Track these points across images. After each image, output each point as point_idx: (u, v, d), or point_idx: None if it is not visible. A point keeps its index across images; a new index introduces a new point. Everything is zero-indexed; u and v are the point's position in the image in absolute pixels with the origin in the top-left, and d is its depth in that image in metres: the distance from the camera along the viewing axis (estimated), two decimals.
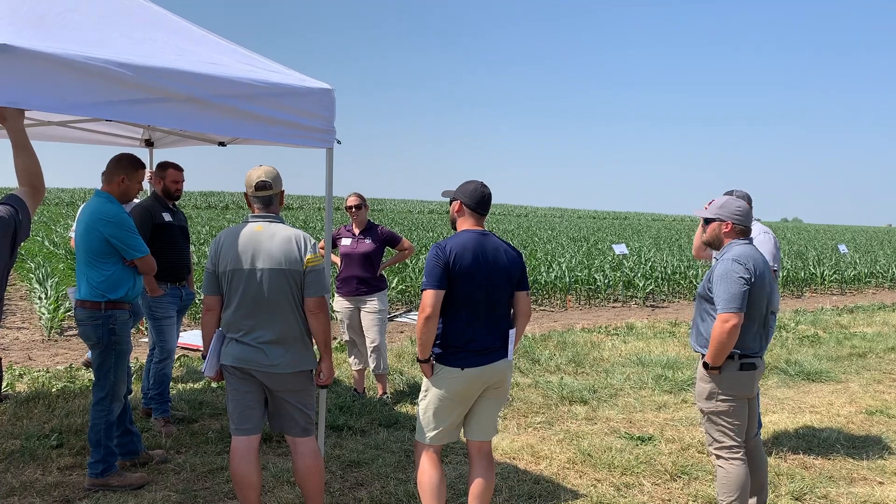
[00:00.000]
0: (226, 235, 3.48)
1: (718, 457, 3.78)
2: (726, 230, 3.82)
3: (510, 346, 3.57)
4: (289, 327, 3.45)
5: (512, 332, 3.60)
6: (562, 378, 7.14)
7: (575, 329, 10.18)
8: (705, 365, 3.71)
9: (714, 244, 3.89)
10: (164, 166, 5.24)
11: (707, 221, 3.92)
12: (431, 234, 29.31)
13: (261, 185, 3.52)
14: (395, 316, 10.82)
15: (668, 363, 7.87)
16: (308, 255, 3.45)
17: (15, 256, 3.01)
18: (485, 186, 3.63)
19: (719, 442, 3.77)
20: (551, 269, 14.95)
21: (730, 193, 5.08)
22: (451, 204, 3.68)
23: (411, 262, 14.20)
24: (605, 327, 10.39)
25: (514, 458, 4.92)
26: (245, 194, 3.60)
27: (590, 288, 13.89)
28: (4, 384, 6.05)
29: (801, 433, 5.67)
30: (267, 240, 3.44)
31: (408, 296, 12.50)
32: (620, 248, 16.16)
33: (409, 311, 11.46)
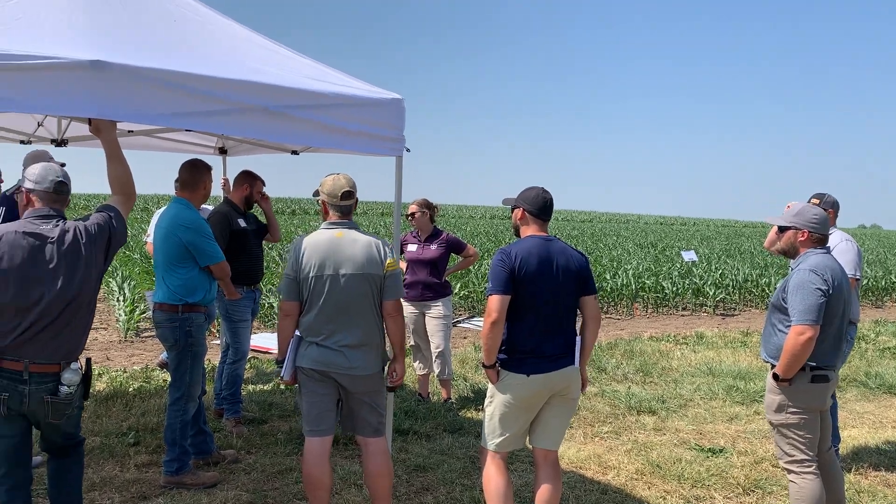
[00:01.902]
0: (307, 242, 3.55)
1: (790, 471, 3.67)
2: (802, 239, 3.69)
3: (576, 353, 3.54)
4: (368, 330, 3.53)
5: (578, 339, 3.57)
6: (629, 387, 7.03)
7: (642, 337, 10.00)
8: (775, 376, 3.61)
9: (789, 253, 3.77)
10: (253, 176, 5.39)
11: (782, 229, 3.79)
12: (494, 240, 29.27)
13: (346, 195, 3.60)
14: (459, 321, 10.84)
15: (740, 374, 7.66)
16: (388, 260, 3.54)
17: (109, 262, 3.17)
18: (546, 192, 3.61)
19: (790, 455, 3.66)
20: (617, 276, 14.73)
21: (819, 197, 4.90)
22: (512, 212, 3.67)
23: (474, 267, 14.20)
24: (674, 336, 10.18)
25: (580, 468, 4.86)
26: (322, 201, 3.66)
27: (657, 296, 13.63)
28: None
29: (882, 449, 5.43)
30: (348, 245, 3.51)
31: (470, 301, 12.51)
32: (689, 255, 15.82)
33: (472, 316, 11.46)
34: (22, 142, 6.03)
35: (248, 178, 5.37)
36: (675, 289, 13.83)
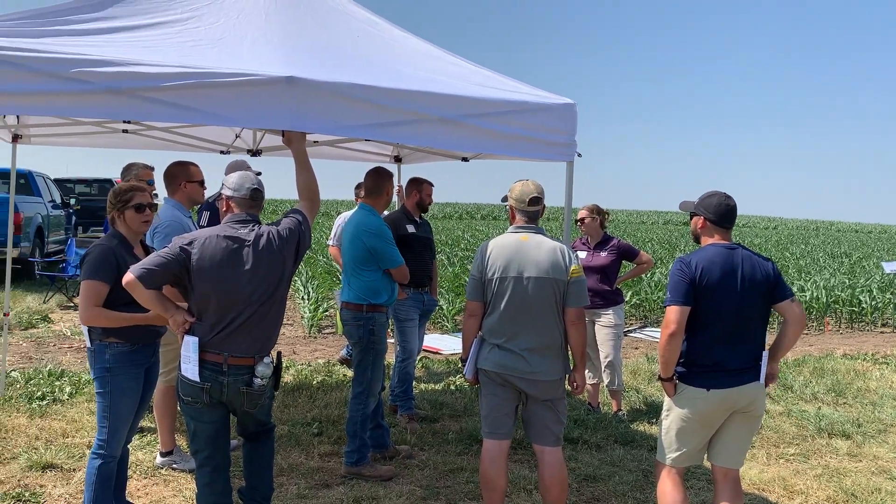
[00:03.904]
0: (493, 245, 3.62)
1: None
2: None
3: (762, 369, 3.34)
4: (550, 335, 3.53)
5: (765, 353, 3.36)
6: (819, 408, 6.49)
7: (834, 355, 9.20)
8: None
9: None
10: (421, 181, 5.61)
11: None
12: (668, 246, 28.17)
13: (535, 201, 3.64)
14: (630, 331, 10.54)
15: None
16: (573, 266, 3.53)
17: (298, 263, 3.40)
18: (728, 198, 3.43)
19: None
20: (806, 288, 13.66)
21: None
22: (691, 219, 3.52)
23: (647, 276, 13.75)
24: (872, 355, 9.28)
25: (763, 490, 4.56)
26: (510, 206, 3.71)
27: (853, 310, 12.48)
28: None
29: None
30: (534, 249, 3.54)
31: (642, 310, 12.12)
32: (892, 267, 14.33)
33: (644, 326, 11.09)
34: (222, 152, 6.61)
35: (416, 185, 5.59)
36: (874, 303, 12.60)
